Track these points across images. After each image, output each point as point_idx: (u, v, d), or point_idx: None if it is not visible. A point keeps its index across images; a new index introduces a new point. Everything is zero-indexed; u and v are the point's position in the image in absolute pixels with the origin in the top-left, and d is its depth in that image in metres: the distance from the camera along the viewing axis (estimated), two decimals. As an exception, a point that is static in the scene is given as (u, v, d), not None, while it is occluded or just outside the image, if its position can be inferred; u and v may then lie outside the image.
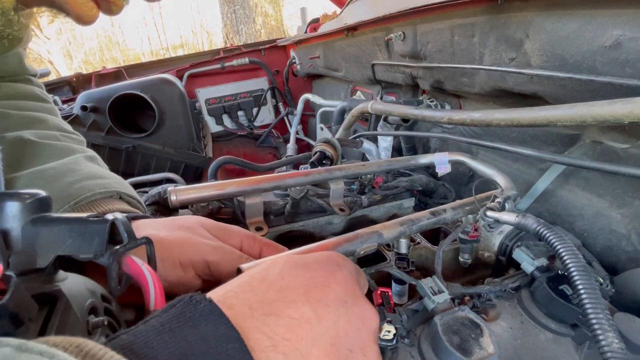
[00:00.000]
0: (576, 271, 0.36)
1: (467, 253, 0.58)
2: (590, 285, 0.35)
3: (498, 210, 0.49)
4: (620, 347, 0.31)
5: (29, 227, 0.22)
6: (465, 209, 0.53)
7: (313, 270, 0.26)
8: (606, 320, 0.32)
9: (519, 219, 0.45)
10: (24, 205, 0.22)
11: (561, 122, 0.47)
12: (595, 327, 0.32)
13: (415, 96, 1.12)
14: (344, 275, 0.28)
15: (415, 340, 0.42)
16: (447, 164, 0.70)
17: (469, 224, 0.55)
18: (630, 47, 0.44)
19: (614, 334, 0.32)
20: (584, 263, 0.37)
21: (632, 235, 0.53)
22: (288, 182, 0.62)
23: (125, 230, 0.26)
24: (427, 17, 0.83)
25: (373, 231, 0.43)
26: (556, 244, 0.39)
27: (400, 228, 0.45)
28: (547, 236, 0.41)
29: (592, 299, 0.34)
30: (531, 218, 0.44)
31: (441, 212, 0.50)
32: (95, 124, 1.57)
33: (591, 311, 0.33)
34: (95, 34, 9.09)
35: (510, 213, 0.48)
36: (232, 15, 6.50)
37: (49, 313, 0.19)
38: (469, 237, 0.55)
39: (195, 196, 0.53)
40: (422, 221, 0.48)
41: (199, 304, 0.21)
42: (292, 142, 2.00)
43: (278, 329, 0.21)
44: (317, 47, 1.70)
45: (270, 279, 0.24)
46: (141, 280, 0.26)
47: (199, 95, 2.15)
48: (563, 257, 0.38)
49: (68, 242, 0.23)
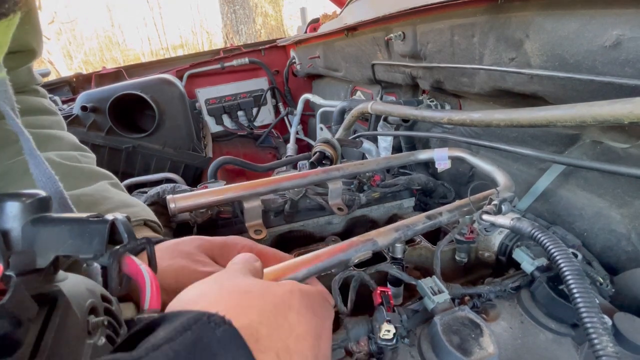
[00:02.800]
0: (570, 275, 0.36)
1: (464, 252, 0.59)
2: (584, 289, 0.35)
3: (494, 213, 0.49)
4: (615, 351, 0.31)
5: (28, 227, 0.22)
6: (461, 210, 0.53)
7: (316, 316, 0.27)
8: (600, 325, 0.33)
9: (514, 222, 0.45)
10: (24, 205, 0.22)
11: (561, 122, 0.47)
12: (590, 330, 0.33)
13: (415, 96, 1.12)
14: (329, 326, 0.29)
15: (415, 340, 0.42)
16: (447, 159, 0.70)
17: (465, 226, 0.55)
18: (630, 47, 0.44)
19: (609, 338, 0.32)
20: (578, 267, 0.37)
21: (632, 235, 0.53)
22: (285, 185, 0.62)
23: (125, 230, 0.26)
24: (427, 17, 0.83)
25: (367, 239, 0.42)
26: (550, 247, 0.39)
27: (395, 234, 0.45)
28: (542, 240, 0.41)
29: (587, 303, 0.34)
30: (526, 221, 0.44)
31: (437, 215, 0.50)
32: (95, 124, 1.57)
33: (586, 315, 0.33)
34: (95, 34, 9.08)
35: (505, 216, 0.47)
36: (232, 15, 6.49)
37: (48, 313, 0.19)
38: (465, 238, 0.56)
39: (193, 203, 0.53)
40: (417, 226, 0.48)
41: (217, 328, 0.19)
42: (292, 142, 2.00)
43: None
44: (317, 47, 1.70)
45: (291, 320, 0.24)
46: (139, 280, 0.26)
47: (199, 95, 2.15)
48: (557, 261, 0.38)
49: (68, 242, 0.23)
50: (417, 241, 0.63)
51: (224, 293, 0.24)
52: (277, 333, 0.22)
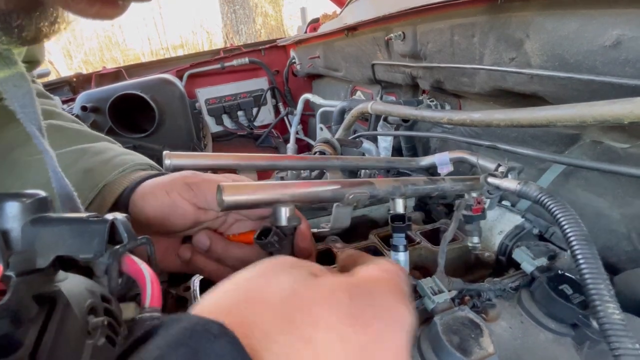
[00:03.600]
0: (576, 240, 0.34)
1: (476, 235, 0.53)
2: (591, 254, 0.33)
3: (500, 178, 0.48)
4: (621, 319, 0.29)
5: (28, 227, 0.22)
6: (466, 184, 0.50)
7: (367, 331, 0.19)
8: (607, 292, 0.30)
9: (520, 186, 0.44)
10: (23, 205, 0.22)
11: (561, 122, 0.47)
12: (594, 297, 0.31)
13: (415, 96, 1.12)
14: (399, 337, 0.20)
15: (415, 340, 0.42)
16: (449, 162, 0.70)
17: (472, 198, 0.52)
18: (630, 46, 0.44)
19: (615, 305, 0.30)
20: (585, 232, 0.34)
21: (632, 235, 0.53)
22: (284, 164, 0.60)
23: (125, 230, 0.26)
24: (427, 17, 0.83)
25: (365, 181, 0.41)
26: (557, 211, 0.37)
27: (395, 184, 0.43)
28: (548, 204, 0.39)
29: (593, 269, 0.32)
30: (533, 185, 0.42)
31: (440, 180, 0.48)
32: (95, 124, 1.57)
33: (590, 282, 0.32)
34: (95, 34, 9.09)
35: (512, 180, 0.46)
36: (232, 15, 6.49)
37: (48, 313, 0.19)
38: (473, 211, 0.52)
39: (189, 163, 0.53)
40: (418, 184, 0.45)
41: (216, 340, 0.17)
42: (292, 142, 2.00)
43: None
44: (317, 47, 1.70)
45: (316, 341, 0.18)
46: (139, 279, 0.26)
47: (199, 95, 2.15)
48: (563, 225, 0.36)
49: (68, 242, 0.23)
50: (417, 241, 0.63)
51: (231, 300, 0.20)
52: (285, 357, 0.18)
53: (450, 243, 0.61)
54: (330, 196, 0.37)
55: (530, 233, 0.59)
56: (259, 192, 0.33)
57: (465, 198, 0.53)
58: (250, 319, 0.18)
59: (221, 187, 0.30)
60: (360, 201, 0.40)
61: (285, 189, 0.34)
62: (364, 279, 0.23)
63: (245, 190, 0.32)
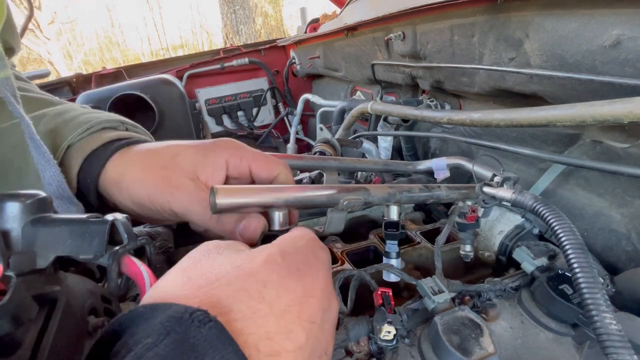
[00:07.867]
0: (571, 248, 0.34)
1: (469, 244, 0.54)
2: (586, 263, 0.33)
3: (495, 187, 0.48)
4: (618, 329, 0.29)
5: (28, 227, 0.22)
6: (461, 192, 0.51)
7: (303, 277, 0.25)
8: (604, 301, 0.31)
9: (515, 195, 0.44)
10: (24, 205, 0.22)
11: (561, 122, 0.47)
12: (590, 307, 0.31)
13: (415, 96, 1.12)
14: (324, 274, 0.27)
15: (415, 340, 0.42)
16: (446, 169, 0.69)
17: (466, 206, 0.52)
18: (630, 46, 0.44)
19: (611, 315, 0.30)
20: (580, 240, 0.35)
21: (632, 235, 0.53)
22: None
23: (125, 230, 0.26)
24: (427, 17, 0.83)
25: (361, 187, 0.41)
26: (551, 220, 0.38)
27: (390, 190, 0.43)
28: (543, 213, 0.39)
29: (588, 278, 0.32)
30: (528, 194, 0.43)
31: (435, 188, 0.48)
32: (95, 125, 1.57)
33: (586, 291, 0.32)
34: (95, 34, 9.09)
35: (506, 190, 0.46)
36: (232, 16, 6.50)
37: (48, 313, 0.19)
38: (467, 219, 0.52)
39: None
40: (413, 192, 0.45)
41: (203, 326, 0.18)
42: (292, 142, 2.00)
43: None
44: (317, 47, 1.70)
45: (269, 299, 0.22)
46: (138, 280, 0.26)
47: (198, 95, 2.15)
48: (558, 234, 0.36)
49: (68, 243, 0.23)
50: (416, 241, 0.63)
51: (192, 285, 0.22)
52: (253, 321, 0.21)
53: (451, 243, 0.61)
54: (325, 201, 0.37)
55: (530, 233, 0.59)
56: (252, 196, 0.32)
57: (460, 205, 0.53)
58: (217, 299, 0.21)
59: (215, 189, 0.30)
60: (354, 207, 0.40)
61: (280, 193, 0.34)
62: (285, 240, 0.28)
63: (239, 193, 0.32)
